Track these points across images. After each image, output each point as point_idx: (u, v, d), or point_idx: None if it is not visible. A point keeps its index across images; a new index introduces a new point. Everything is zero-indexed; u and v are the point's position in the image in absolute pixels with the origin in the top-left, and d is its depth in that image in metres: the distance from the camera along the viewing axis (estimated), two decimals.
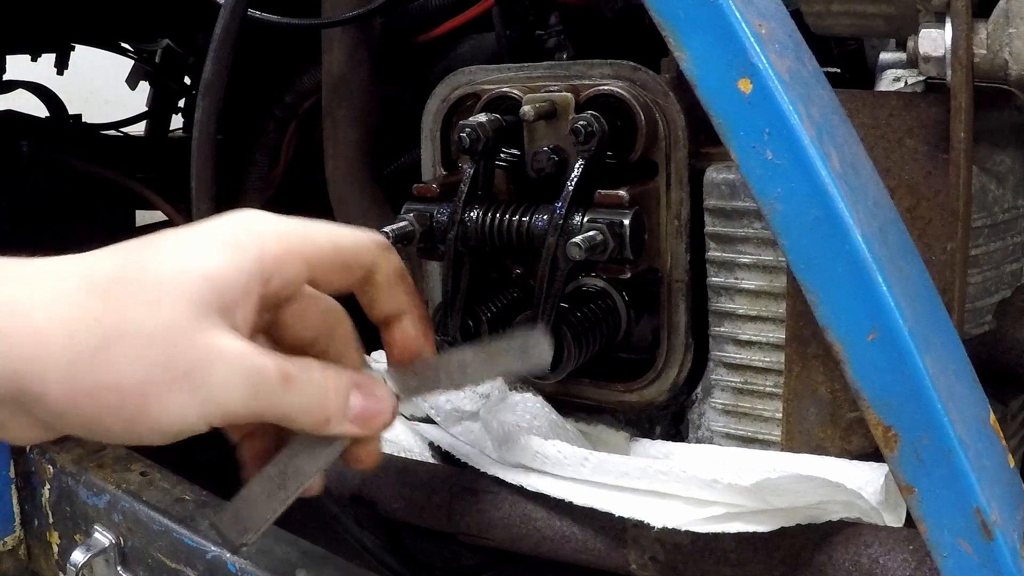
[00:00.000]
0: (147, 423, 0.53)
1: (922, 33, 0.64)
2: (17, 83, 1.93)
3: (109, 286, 0.53)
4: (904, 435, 0.56)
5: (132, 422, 0.53)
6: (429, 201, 0.77)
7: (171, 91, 2.16)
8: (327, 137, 1.04)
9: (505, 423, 0.73)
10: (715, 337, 0.75)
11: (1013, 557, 0.55)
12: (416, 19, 1.07)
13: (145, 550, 0.92)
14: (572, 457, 0.70)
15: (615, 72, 0.75)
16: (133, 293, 0.53)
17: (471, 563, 1.06)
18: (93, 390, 0.52)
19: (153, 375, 0.52)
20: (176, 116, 2.21)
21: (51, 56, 2.05)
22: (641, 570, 0.71)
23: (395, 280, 0.63)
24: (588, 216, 0.70)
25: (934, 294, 0.60)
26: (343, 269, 0.61)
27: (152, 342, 0.52)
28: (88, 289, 0.53)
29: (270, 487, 0.62)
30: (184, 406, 0.53)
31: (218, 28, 0.91)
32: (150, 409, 0.52)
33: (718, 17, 0.58)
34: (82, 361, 0.51)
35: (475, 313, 0.77)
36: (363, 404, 0.60)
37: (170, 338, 0.53)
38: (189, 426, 0.54)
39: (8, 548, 1.07)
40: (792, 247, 0.58)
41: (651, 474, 0.67)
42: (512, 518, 0.75)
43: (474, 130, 0.73)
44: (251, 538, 0.61)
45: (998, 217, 0.71)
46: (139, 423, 0.53)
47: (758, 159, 0.58)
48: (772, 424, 0.74)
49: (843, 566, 0.64)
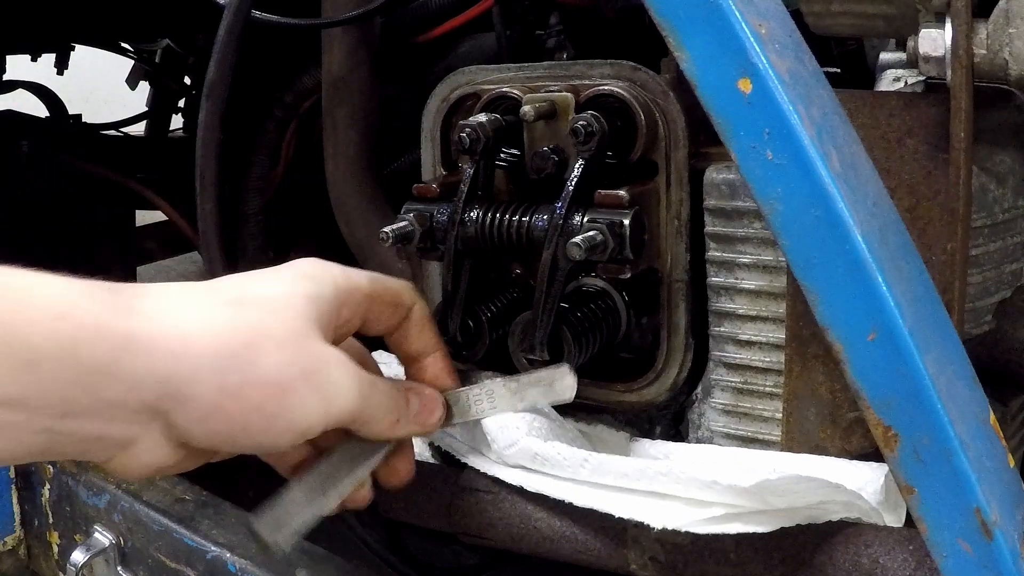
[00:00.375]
0: (285, 418, 0.58)
1: (922, 33, 0.64)
2: (17, 83, 1.93)
3: (237, 300, 0.59)
4: (904, 435, 0.56)
5: (272, 419, 0.57)
6: (429, 201, 0.77)
7: (171, 91, 2.16)
8: (327, 137, 1.04)
9: (505, 425, 0.73)
10: (715, 337, 0.75)
11: (1013, 557, 0.55)
12: (416, 19, 1.07)
13: (145, 550, 0.92)
14: (572, 458, 0.70)
15: (615, 72, 0.75)
16: (259, 306, 0.59)
17: (471, 563, 1.06)
18: (240, 389, 0.56)
19: (288, 373, 0.58)
20: (176, 116, 2.21)
21: (51, 56, 2.05)
22: (641, 570, 0.71)
23: (427, 321, 0.72)
24: (588, 216, 0.70)
25: (934, 294, 0.60)
26: (392, 307, 0.69)
27: (284, 345, 0.58)
28: (220, 301, 0.59)
29: (311, 493, 0.65)
30: (311, 403, 0.58)
31: (222, 29, 0.91)
32: (288, 404, 0.57)
33: (718, 17, 0.58)
34: (228, 361, 0.56)
35: (475, 313, 0.77)
36: (419, 404, 0.69)
37: (296, 342, 0.59)
38: (311, 424, 0.59)
39: (8, 548, 1.07)
40: (792, 247, 0.58)
41: (651, 475, 0.67)
42: (512, 518, 0.75)
43: (474, 130, 0.73)
44: (285, 539, 0.63)
45: (998, 217, 0.71)
46: (278, 419, 0.57)
47: (758, 159, 0.58)
48: (772, 424, 0.74)
49: (843, 566, 0.64)
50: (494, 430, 0.73)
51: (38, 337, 0.52)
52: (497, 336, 0.77)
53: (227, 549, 0.86)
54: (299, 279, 0.63)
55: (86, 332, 0.53)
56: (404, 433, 0.68)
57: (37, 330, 0.52)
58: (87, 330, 0.53)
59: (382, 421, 0.65)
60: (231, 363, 0.56)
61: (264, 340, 0.57)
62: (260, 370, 0.57)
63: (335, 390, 0.60)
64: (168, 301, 0.58)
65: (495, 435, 0.73)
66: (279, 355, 0.58)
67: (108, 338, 0.54)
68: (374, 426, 0.65)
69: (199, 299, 0.59)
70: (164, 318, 0.56)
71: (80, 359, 0.53)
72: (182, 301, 0.58)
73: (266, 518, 0.63)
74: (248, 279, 0.63)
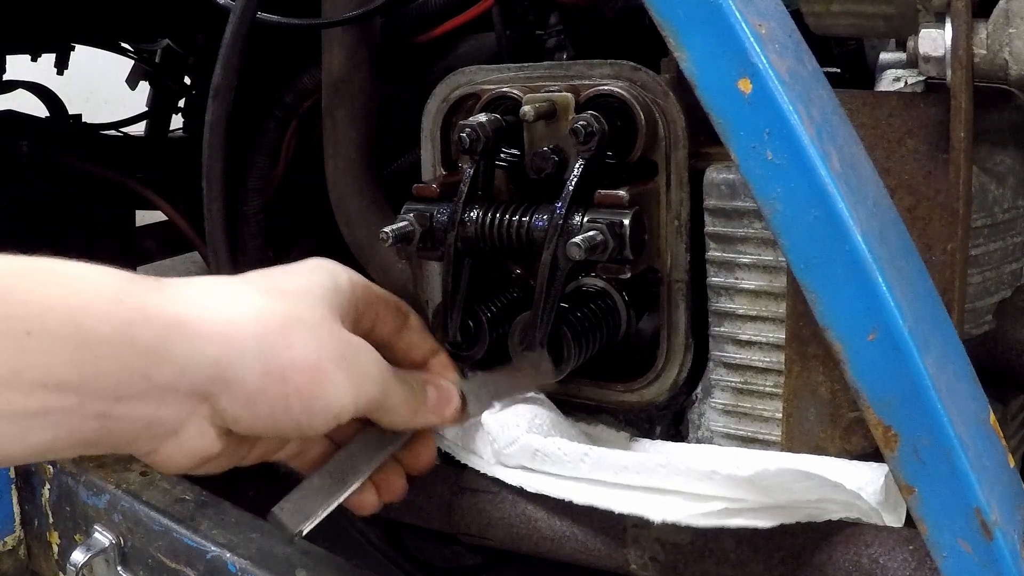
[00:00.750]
0: (322, 401, 0.60)
1: (922, 33, 0.64)
2: (17, 83, 1.93)
3: (270, 290, 0.62)
4: (904, 435, 0.56)
5: (311, 400, 0.59)
6: (429, 201, 0.77)
7: (171, 91, 2.16)
8: (327, 137, 1.04)
9: (505, 425, 0.73)
10: (715, 337, 0.75)
11: (1013, 557, 0.55)
12: (416, 19, 1.07)
13: (145, 550, 0.92)
14: (572, 453, 0.70)
15: (615, 72, 0.75)
16: (289, 295, 0.62)
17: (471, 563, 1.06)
18: (282, 371, 0.58)
19: (324, 355, 0.60)
20: (176, 116, 2.21)
21: (51, 56, 2.05)
22: (641, 570, 0.71)
23: (423, 327, 0.75)
24: (588, 216, 0.70)
25: (934, 294, 0.60)
26: (395, 309, 0.73)
27: (317, 329, 0.61)
28: (256, 291, 0.62)
29: (330, 482, 0.67)
30: (344, 387, 0.61)
31: (227, 32, 0.92)
32: (325, 386, 0.60)
33: (718, 17, 0.58)
34: (270, 343, 0.58)
35: (475, 313, 0.77)
36: (436, 395, 0.71)
37: (327, 328, 0.62)
38: (344, 407, 0.61)
39: (8, 548, 1.07)
40: (792, 247, 0.58)
41: (650, 467, 0.67)
42: (512, 518, 0.75)
43: (474, 130, 0.73)
44: (308, 527, 0.65)
45: (998, 217, 0.71)
46: (317, 401, 0.60)
47: (758, 159, 0.58)
48: (772, 424, 0.74)
49: (843, 566, 0.64)
50: (495, 429, 0.73)
51: (94, 320, 0.53)
52: (497, 336, 0.77)
53: (227, 549, 0.86)
54: (316, 272, 0.66)
55: (139, 315, 0.55)
56: (423, 423, 0.70)
57: (93, 313, 0.53)
58: (140, 313, 0.55)
59: (402, 410, 0.67)
60: (274, 346, 0.58)
61: (298, 324, 0.60)
62: (299, 353, 0.59)
63: (364, 375, 0.62)
64: (209, 290, 0.60)
65: (496, 434, 0.73)
66: (314, 338, 0.60)
67: (160, 321, 0.55)
68: (394, 415, 0.67)
69: (236, 289, 0.61)
70: (209, 304, 0.58)
71: (134, 341, 0.54)
72: (221, 290, 0.61)
73: (288, 507, 0.65)
74: (273, 274, 0.66)
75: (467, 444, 0.77)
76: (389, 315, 0.72)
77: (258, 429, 0.60)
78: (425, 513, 0.80)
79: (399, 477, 0.73)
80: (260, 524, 0.89)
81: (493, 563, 1.06)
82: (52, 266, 0.54)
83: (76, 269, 0.55)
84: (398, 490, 0.73)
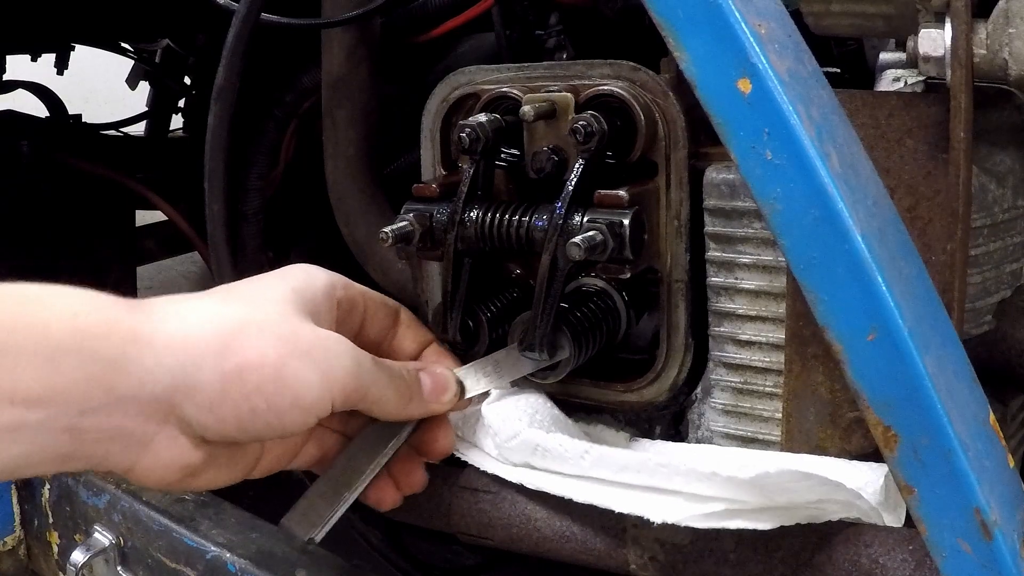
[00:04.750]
0: (287, 397, 0.60)
1: (922, 33, 0.64)
2: (17, 83, 1.93)
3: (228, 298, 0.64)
4: (904, 435, 0.56)
5: (274, 397, 0.60)
6: (429, 201, 0.77)
7: (171, 91, 2.16)
8: (327, 137, 1.04)
9: (507, 419, 0.73)
10: (715, 337, 0.75)
11: (1013, 557, 0.55)
12: (416, 19, 1.07)
13: (145, 550, 0.92)
14: (573, 450, 0.70)
15: (615, 72, 0.75)
16: (249, 300, 0.64)
17: (471, 563, 1.06)
18: (238, 372, 0.59)
19: (283, 351, 0.60)
20: (176, 116, 2.21)
21: (51, 56, 2.05)
22: (641, 570, 0.71)
23: (414, 319, 0.77)
24: (588, 216, 0.70)
25: (934, 294, 0.60)
26: (385, 306, 0.74)
27: (276, 328, 0.62)
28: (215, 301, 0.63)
29: (335, 485, 0.68)
30: (311, 379, 0.61)
31: (230, 34, 0.92)
32: (288, 382, 0.60)
33: (718, 17, 0.58)
34: (226, 346, 0.59)
35: (475, 313, 0.77)
36: (431, 381, 0.71)
37: (287, 325, 0.62)
38: (315, 399, 0.61)
39: (8, 548, 1.07)
40: (792, 247, 0.58)
41: (651, 467, 0.67)
42: (512, 518, 0.75)
43: (474, 130, 0.73)
44: (319, 534, 0.66)
45: (998, 217, 0.71)
46: (280, 398, 0.60)
47: (758, 159, 0.58)
48: (772, 424, 0.74)
49: (843, 566, 0.64)
50: (496, 423, 0.73)
51: (58, 334, 0.55)
52: (497, 336, 0.77)
53: (227, 549, 0.86)
54: (287, 276, 0.68)
55: (101, 329, 0.56)
56: (421, 412, 0.70)
57: (56, 327, 0.55)
58: (102, 327, 0.57)
59: (392, 401, 0.67)
60: (228, 349, 0.59)
61: (253, 326, 0.61)
62: (256, 351, 0.60)
63: (335, 362, 0.62)
64: (169, 304, 0.61)
65: (497, 428, 0.73)
66: (271, 335, 0.61)
67: (119, 334, 0.57)
68: (385, 405, 0.67)
69: (196, 302, 0.63)
70: (167, 317, 0.60)
71: (96, 353, 0.56)
72: (181, 304, 0.62)
73: (296, 516, 0.66)
74: (238, 284, 0.68)
75: (468, 437, 0.77)
76: (379, 313, 0.74)
77: (228, 433, 0.61)
78: (425, 513, 0.80)
79: (417, 467, 0.73)
80: (260, 524, 0.89)
81: (493, 563, 1.06)
82: (20, 289, 0.56)
83: (42, 290, 0.57)
84: (417, 481, 0.73)
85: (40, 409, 0.54)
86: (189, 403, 0.58)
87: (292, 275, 0.68)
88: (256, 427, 0.60)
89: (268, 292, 0.65)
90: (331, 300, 0.69)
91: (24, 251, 1.64)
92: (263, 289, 0.66)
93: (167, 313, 0.60)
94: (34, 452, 0.55)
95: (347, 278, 0.72)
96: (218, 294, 0.65)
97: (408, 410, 0.69)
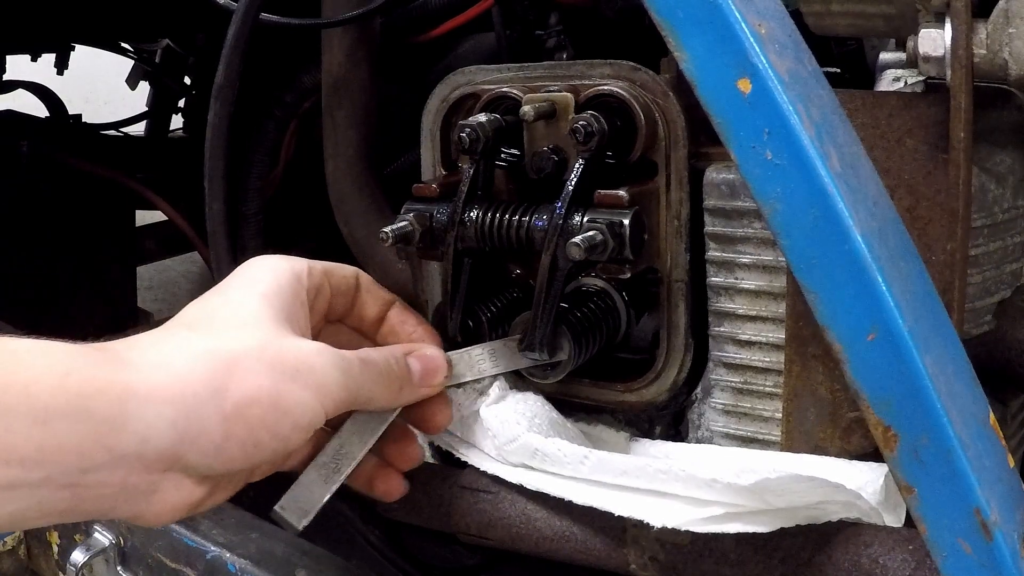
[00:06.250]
0: (288, 422, 0.59)
1: (922, 33, 0.64)
2: (17, 83, 1.93)
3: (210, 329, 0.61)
4: (904, 435, 0.56)
5: (276, 426, 0.59)
6: (429, 201, 0.77)
7: (171, 91, 2.16)
8: (327, 137, 1.04)
9: (506, 422, 0.73)
10: (715, 337, 0.75)
11: (1013, 557, 0.55)
12: (416, 19, 1.07)
13: (145, 550, 0.92)
14: (572, 455, 0.70)
15: (615, 72, 0.75)
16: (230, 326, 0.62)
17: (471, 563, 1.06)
18: (239, 411, 0.58)
19: (276, 379, 0.59)
20: (176, 116, 2.21)
21: (51, 56, 2.05)
22: (641, 570, 0.71)
23: (373, 281, 0.76)
24: (588, 216, 0.70)
25: (934, 294, 0.60)
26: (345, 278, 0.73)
27: (263, 354, 0.60)
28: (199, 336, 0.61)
29: (325, 472, 0.68)
30: (306, 399, 0.60)
31: (230, 33, 0.92)
32: (287, 407, 0.59)
33: (718, 17, 0.58)
34: (223, 385, 0.58)
35: (475, 313, 0.77)
36: (420, 365, 0.70)
37: (273, 349, 0.61)
38: (313, 418, 0.61)
39: (8, 548, 1.06)
40: (792, 247, 0.58)
41: (650, 473, 0.67)
42: (512, 518, 0.75)
43: (474, 130, 0.73)
44: (310, 520, 0.67)
45: (998, 217, 0.71)
46: (282, 425, 0.59)
47: (758, 159, 0.58)
48: (772, 424, 0.74)
49: (843, 566, 0.64)
50: (495, 425, 0.73)
51: (46, 395, 0.52)
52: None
53: (227, 549, 0.86)
54: (253, 284, 0.66)
55: (92, 387, 0.54)
56: (413, 398, 0.70)
57: (45, 388, 0.53)
58: (92, 385, 0.54)
59: (383, 395, 0.67)
60: (224, 389, 0.58)
61: (236, 360, 0.59)
62: (251, 385, 0.58)
63: (323, 378, 0.61)
64: (154, 348, 0.59)
65: (496, 430, 0.73)
66: (260, 367, 0.59)
67: (112, 391, 0.55)
68: (378, 401, 0.67)
69: (180, 340, 0.60)
70: (158, 365, 0.58)
71: (91, 413, 0.53)
72: (167, 346, 0.60)
73: (288, 503, 0.67)
74: (207, 303, 0.65)
75: (467, 438, 0.77)
76: (341, 287, 0.73)
77: (235, 468, 0.60)
78: (425, 513, 0.80)
79: (412, 443, 0.73)
80: (260, 524, 0.89)
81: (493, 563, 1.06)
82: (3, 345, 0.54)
83: (27, 347, 0.55)
84: (413, 456, 0.73)
85: (38, 469, 0.52)
86: (193, 451, 0.57)
87: (259, 279, 0.66)
88: (261, 456, 0.60)
89: (241, 311, 0.63)
90: (300, 297, 0.67)
91: (24, 251, 1.65)
92: (236, 308, 0.63)
93: (157, 359, 0.58)
94: (31, 508, 0.54)
95: (309, 259, 0.70)
96: (195, 324, 0.63)
97: (400, 399, 0.69)
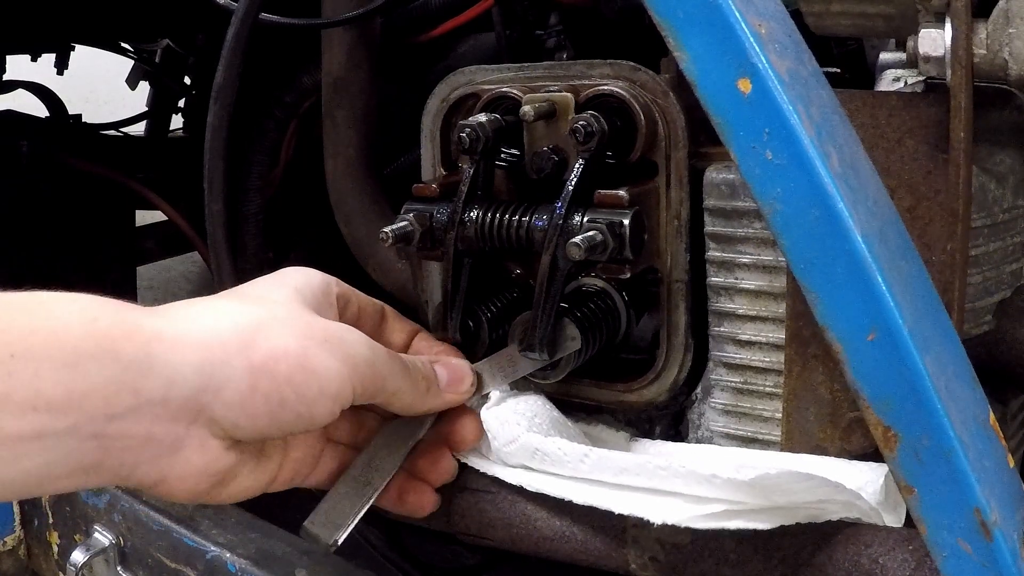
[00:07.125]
0: (315, 385, 0.60)
1: (922, 33, 0.64)
2: (17, 83, 1.93)
3: (242, 298, 0.65)
4: (904, 435, 0.56)
5: (303, 387, 0.60)
6: (429, 201, 0.77)
7: (171, 91, 2.16)
8: (327, 137, 1.04)
9: (505, 423, 0.73)
10: (715, 337, 0.75)
11: (1013, 557, 0.55)
12: (416, 19, 1.07)
13: (145, 550, 0.92)
14: (572, 454, 0.70)
15: (615, 72, 0.75)
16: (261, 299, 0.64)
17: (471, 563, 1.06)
18: (266, 364, 0.59)
19: (305, 340, 0.61)
20: (176, 116, 2.21)
21: (51, 56, 2.05)
22: (641, 570, 0.71)
23: (397, 315, 0.78)
24: (588, 216, 0.70)
25: (934, 294, 0.60)
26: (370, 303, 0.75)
27: (292, 321, 0.62)
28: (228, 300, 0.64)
29: (356, 486, 0.68)
30: (334, 366, 0.61)
31: (229, 33, 0.92)
32: (315, 369, 0.60)
33: (718, 17, 0.58)
34: (251, 340, 0.59)
35: (475, 313, 0.77)
36: (447, 373, 0.72)
37: (304, 319, 0.63)
38: (340, 387, 0.62)
39: (8, 548, 1.07)
40: (792, 247, 0.58)
41: (650, 470, 0.67)
42: (512, 518, 0.75)
43: (474, 130, 0.73)
44: (343, 535, 0.66)
45: (998, 217, 0.71)
46: (308, 387, 0.60)
47: (758, 159, 0.58)
48: (772, 424, 0.74)
49: (843, 566, 0.64)
50: (495, 427, 0.73)
51: (76, 339, 0.53)
52: (497, 336, 0.77)
53: (227, 549, 0.86)
54: (288, 276, 0.69)
55: (120, 331, 0.55)
56: (439, 403, 0.71)
57: (74, 332, 0.54)
58: (121, 329, 0.55)
59: (410, 392, 0.67)
60: (253, 343, 0.59)
61: (265, 321, 0.61)
62: (279, 343, 0.60)
63: (352, 354, 0.62)
64: (179, 307, 0.61)
65: (496, 431, 0.73)
66: (290, 327, 0.61)
67: (141, 335, 0.56)
68: (404, 397, 0.67)
69: (210, 302, 0.63)
70: (187, 316, 0.60)
71: (118, 356, 0.54)
72: (196, 306, 0.62)
73: (319, 519, 0.66)
74: (243, 287, 0.68)
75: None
76: (368, 309, 0.75)
77: (260, 429, 0.60)
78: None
79: (445, 456, 0.74)
80: (260, 524, 0.89)
81: (493, 563, 1.06)
82: (32, 296, 0.55)
83: (55, 296, 0.56)
84: (446, 469, 0.73)
85: (65, 416, 0.52)
86: (218, 402, 0.57)
87: (291, 276, 0.69)
88: (286, 418, 0.60)
89: (273, 293, 0.65)
90: (330, 297, 0.70)
91: (24, 251, 1.64)
92: (268, 290, 0.66)
93: (183, 314, 0.60)
94: (58, 462, 0.53)
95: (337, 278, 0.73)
96: (228, 295, 0.66)
97: (426, 402, 0.69)
